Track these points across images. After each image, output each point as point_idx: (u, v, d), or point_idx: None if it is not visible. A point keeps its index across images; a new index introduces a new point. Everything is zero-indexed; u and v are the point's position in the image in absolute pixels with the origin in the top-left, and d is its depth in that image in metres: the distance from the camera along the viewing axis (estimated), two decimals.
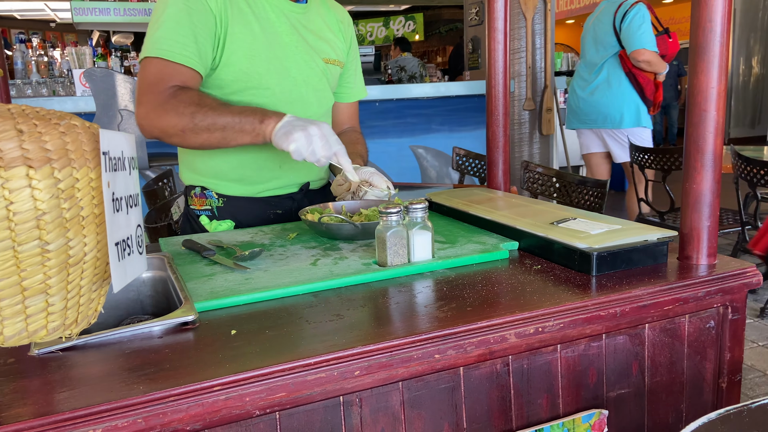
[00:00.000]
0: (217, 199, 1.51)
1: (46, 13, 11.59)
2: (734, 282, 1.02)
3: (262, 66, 1.41)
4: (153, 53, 1.30)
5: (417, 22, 13.32)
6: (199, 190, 1.51)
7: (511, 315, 0.87)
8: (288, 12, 1.46)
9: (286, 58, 1.44)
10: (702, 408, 1.05)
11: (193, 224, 1.53)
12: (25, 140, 0.49)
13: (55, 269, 0.54)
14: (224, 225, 1.50)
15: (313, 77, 1.51)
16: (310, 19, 1.52)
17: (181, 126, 1.26)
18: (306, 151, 1.21)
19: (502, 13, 1.58)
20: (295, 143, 1.20)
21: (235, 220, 1.51)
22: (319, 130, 1.22)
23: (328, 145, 1.23)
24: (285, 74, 1.45)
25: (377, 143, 4.45)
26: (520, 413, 0.91)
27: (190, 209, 1.54)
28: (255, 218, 1.52)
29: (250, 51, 1.39)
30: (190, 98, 1.27)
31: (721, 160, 1.05)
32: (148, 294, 1.16)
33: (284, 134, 1.22)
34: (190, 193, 1.53)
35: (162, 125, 1.27)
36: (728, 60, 1.04)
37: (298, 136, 1.20)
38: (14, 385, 0.72)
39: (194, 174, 1.52)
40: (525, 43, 4.81)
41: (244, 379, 0.73)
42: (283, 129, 1.23)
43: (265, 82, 1.42)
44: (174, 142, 1.31)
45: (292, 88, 1.47)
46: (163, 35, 1.30)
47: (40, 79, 4.53)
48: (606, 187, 1.86)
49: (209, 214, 1.51)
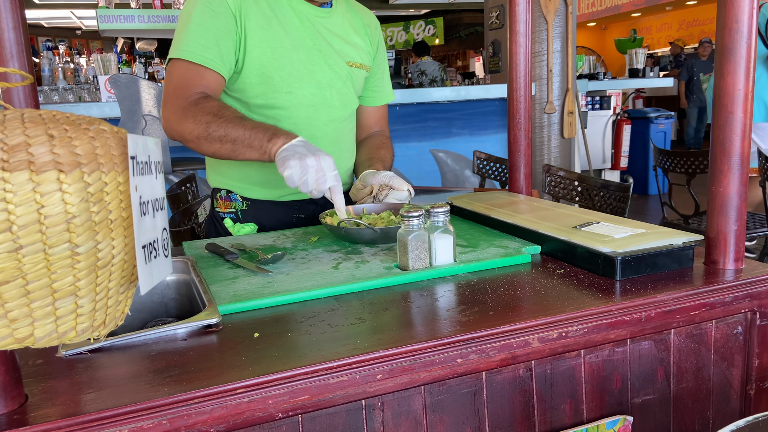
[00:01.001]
0: (242, 202, 1.53)
1: (72, 21, 11.84)
2: (762, 287, 1.00)
3: (285, 69, 1.42)
4: (177, 54, 1.34)
5: (437, 26, 13.33)
6: (225, 193, 1.54)
7: (534, 319, 0.86)
8: (312, 16, 1.47)
9: (309, 61, 1.46)
10: (729, 415, 1.03)
11: (218, 226, 1.56)
12: (56, 145, 0.51)
13: (84, 271, 0.55)
14: (247, 228, 1.52)
15: (337, 81, 1.51)
16: (334, 23, 1.52)
17: (197, 133, 1.29)
18: (298, 181, 1.20)
19: (524, 16, 1.58)
20: (289, 170, 1.19)
21: (258, 223, 1.53)
22: (317, 162, 1.20)
23: (323, 180, 1.21)
24: (309, 77, 1.46)
25: (398, 147, 4.42)
26: (543, 419, 0.90)
27: (215, 211, 1.57)
28: (278, 222, 1.53)
29: (273, 54, 1.40)
30: (210, 108, 1.30)
31: (748, 163, 1.03)
32: (172, 297, 1.17)
33: (282, 159, 1.21)
34: (216, 196, 1.56)
35: (180, 130, 1.31)
36: (755, 62, 1.02)
37: (293, 164, 1.19)
38: (42, 386, 0.73)
39: (220, 177, 1.55)
40: (546, 46, 4.78)
41: (267, 381, 0.73)
42: (283, 153, 1.22)
43: (287, 85, 1.43)
44: (190, 146, 1.34)
45: (315, 92, 1.48)
46: (186, 37, 1.34)
47: (66, 86, 4.62)
48: (629, 191, 1.84)
49: (233, 217, 1.54)
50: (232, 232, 1.52)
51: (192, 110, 1.30)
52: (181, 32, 1.36)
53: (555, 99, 4.88)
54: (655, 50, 12.24)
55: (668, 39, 12.74)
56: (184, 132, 1.31)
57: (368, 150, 1.63)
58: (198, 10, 1.35)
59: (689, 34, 12.42)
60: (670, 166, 3.27)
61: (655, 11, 12.52)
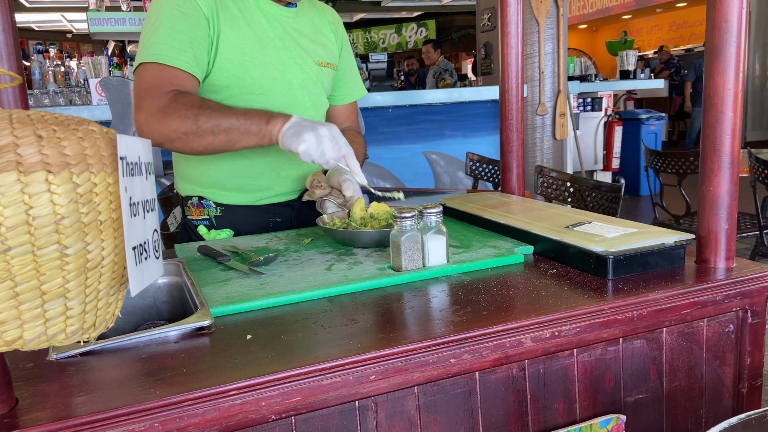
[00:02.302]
0: (215, 208, 1.49)
1: (62, 24, 11.79)
2: (753, 285, 1.01)
3: (256, 71, 1.40)
4: (149, 59, 1.28)
5: (429, 28, 13.35)
6: (196, 200, 1.50)
7: (527, 319, 0.86)
8: (279, 16, 1.46)
9: (280, 62, 1.44)
10: (722, 413, 1.04)
11: (191, 234, 1.52)
12: (44, 145, 0.50)
13: (73, 273, 0.54)
14: (223, 234, 1.49)
15: (308, 81, 1.50)
16: (301, 23, 1.51)
17: (184, 129, 1.23)
18: (315, 152, 1.20)
19: (516, 17, 1.58)
20: (305, 144, 1.19)
21: (233, 228, 1.50)
22: (329, 131, 1.21)
23: (337, 147, 1.22)
24: (280, 78, 1.44)
25: (390, 149, 4.45)
26: (537, 418, 0.90)
27: (187, 219, 1.52)
28: (254, 226, 1.50)
29: (244, 56, 1.38)
30: (192, 101, 1.25)
31: (738, 162, 1.04)
32: (164, 300, 1.16)
33: (293, 134, 1.20)
34: (187, 203, 1.51)
35: (163, 130, 1.24)
36: (745, 61, 1.03)
37: (308, 137, 1.19)
38: (33, 389, 0.73)
39: (190, 184, 1.51)
40: (537, 48, 4.80)
41: (259, 383, 0.73)
42: (292, 129, 1.21)
43: (259, 86, 1.41)
44: (175, 147, 1.27)
45: (287, 92, 1.46)
46: (158, 40, 1.28)
47: (57, 89, 4.60)
48: (621, 192, 1.85)
49: (207, 224, 1.50)
50: (206, 240, 1.48)
51: (173, 106, 1.24)
52: (150, 36, 1.30)
53: (547, 101, 4.90)
54: (646, 52, 12.31)
55: (659, 41, 12.83)
56: (168, 131, 1.24)
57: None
58: (166, 14, 1.30)
59: (679, 36, 12.50)
60: (661, 166, 3.29)
61: (645, 13, 12.60)
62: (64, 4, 9.85)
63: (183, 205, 1.54)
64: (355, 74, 1.70)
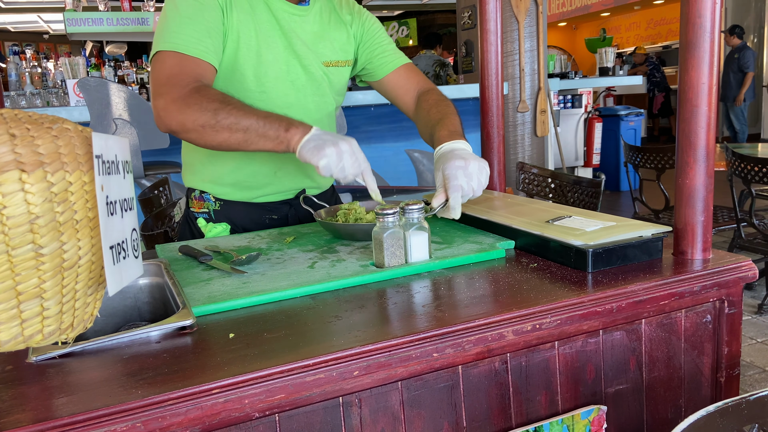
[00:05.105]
0: (215, 202, 1.52)
1: (39, 24, 11.61)
2: (730, 276, 1.03)
3: (259, 68, 1.40)
4: (168, 47, 1.28)
5: (411, 27, 13.36)
6: (198, 193, 1.53)
7: (509, 312, 0.87)
8: (288, 15, 1.45)
9: (284, 61, 1.44)
10: (701, 403, 1.05)
11: (191, 226, 1.55)
12: (17, 144, 0.50)
13: (49, 273, 0.53)
14: (219, 228, 1.51)
15: (312, 82, 1.50)
16: (311, 21, 1.50)
17: (202, 121, 1.21)
18: (336, 168, 1.19)
19: (494, 14, 1.59)
20: (326, 159, 1.17)
21: (231, 223, 1.52)
22: (350, 146, 1.20)
23: (357, 163, 1.21)
24: (283, 78, 1.44)
25: (373, 148, 4.45)
26: (519, 410, 0.91)
27: (189, 211, 1.56)
28: (251, 222, 1.53)
29: (248, 52, 1.38)
30: (215, 95, 1.25)
31: (713, 155, 1.05)
32: (145, 301, 1.16)
33: (314, 148, 1.19)
34: (191, 195, 1.55)
35: (182, 119, 1.23)
36: (720, 56, 1.05)
37: (329, 152, 1.17)
38: (13, 392, 0.72)
39: (195, 177, 1.54)
40: (518, 46, 4.83)
41: (242, 381, 0.73)
42: (313, 142, 1.20)
43: (261, 84, 1.42)
44: (190, 137, 1.26)
45: (289, 92, 1.46)
46: (176, 30, 1.29)
47: (34, 90, 4.53)
48: (601, 187, 1.87)
49: (206, 217, 1.53)
50: (204, 232, 1.51)
51: (195, 97, 1.23)
52: (168, 25, 1.30)
53: (528, 98, 4.93)
54: (624, 49, 12.44)
55: (637, 38, 12.97)
56: (186, 121, 1.22)
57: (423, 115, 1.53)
58: (185, 3, 1.31)
59: (657, 33, 12.65)
60: (640, 162, 3.33)
61: (623, 11, 12.73)
62: (40, 4, 9.70)
63: (187, 197, 1.57)
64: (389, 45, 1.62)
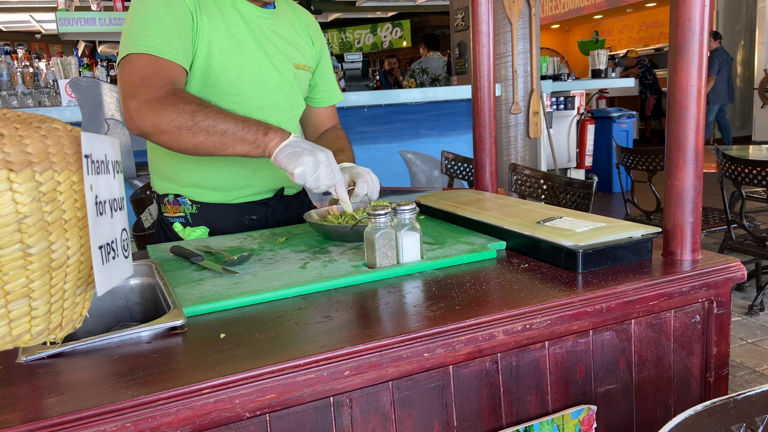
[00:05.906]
0: (191, 205, 1.49)
1: (31, 24, 11.55)
2: (718, 276, 1.03)
3: (233, 71, 1.40)
4: (139, 50, 1.26)
5: (404, 28, 13.39)
6: (172, 198, 1.49)
7: (499, 312, 0.87)
8: (256, 18, 1.46)
9: (256, 63, 1.44)
10: (690, 403, 1.06)
11: (167, 232, 1.51)
12: (5, 144, 0.49)
13: (37, 273, 0.53)
14: (198, 231, 1.48)
15: (284, 83, 1.50)
16: (278, 24, 1.51)
17: (178, 123, 1.20)
18: (311, 177, 1.19)
19: (487, 16, 1.60)
20: (302, 167, 1.18)
21: (209, 226, 1.49)
22: (326, 157, 1.21)
23: (332, 174, 1.22)
24: (256, 80, 1.44)
25: (366, 149, 4.45)
26: (510, 410, 0.92)
27: (163, 216, 1.52)
28: (229, 224, 1.50)
29: (221, 56, 1.38)
30: (192, 98, 1.24)
31: (702, 157, 1.06)
32: (136, 301, 1.15)
33: (292, 155, 1.19)
34: (163, 201, 1.51)
35: (156, 120, 1.21)
36: (707, 58, 1.06)
37: (306, 161, 1.18)
38: (2, 392, 0.71)
39: (167, 182, 1.50)
40: (510, 48, 4.84)
41: (233, 381, 0.73)
42: (290, 149, 1.20)
43: (235, 87, 1.41)
44: (163, 140, 1.23)
45: (263, 93, 1.46)
46: (147, 33, 1.27)
47: (25, 90, 4.50)
48: (593, 188, 1.88)
49: (183, 221, 1.49)
50: (182, 237, 1.48)
51: (171, 99, 1.22)
52: (137, 28, 1.28)
53: (520, 99, 4.95)
54: (617, 51, 12.50)
55: (629, 40, 13.03)
56: (160, 122, 1.20)
57: (327, 144, 1.60)
58: (152, 7, 1.29)
59: (649, 36, 12.72)
60: (632, 163, 3.35)
61: (616, 13, 12.79)
62: (32, 4, 9.65)
63: (159, 203, 1.54)
64: (334, 80, 1.73)
